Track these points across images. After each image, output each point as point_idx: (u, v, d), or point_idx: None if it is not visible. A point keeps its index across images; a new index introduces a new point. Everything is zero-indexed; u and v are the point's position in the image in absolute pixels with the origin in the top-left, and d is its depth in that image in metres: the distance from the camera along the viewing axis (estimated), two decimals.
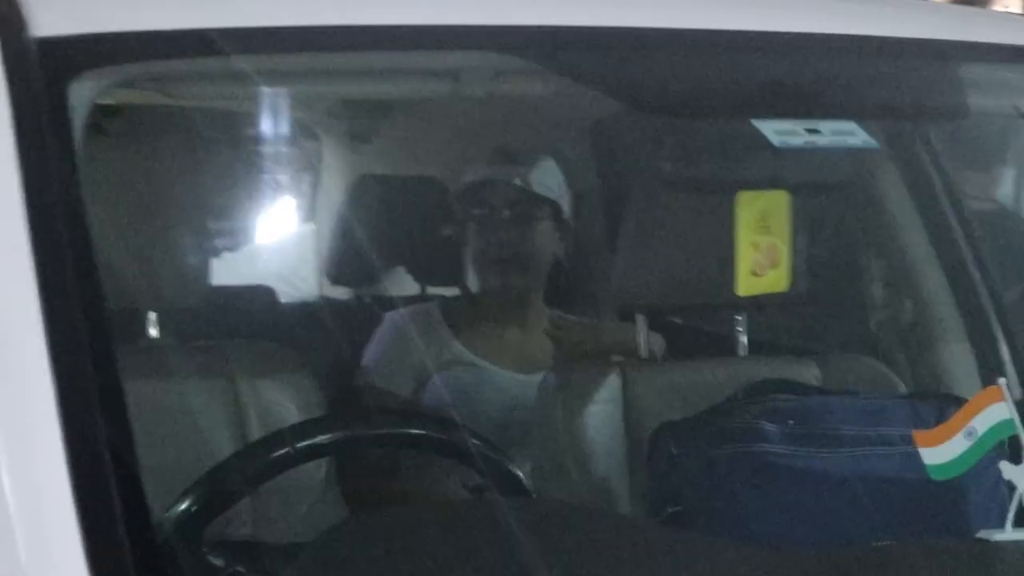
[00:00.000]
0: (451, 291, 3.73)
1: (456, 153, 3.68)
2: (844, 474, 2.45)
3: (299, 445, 1.85)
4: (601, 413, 2.80)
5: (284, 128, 4.31)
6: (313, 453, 1.93)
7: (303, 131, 4.03)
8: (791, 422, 2.51)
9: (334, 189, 4.03)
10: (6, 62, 1.71)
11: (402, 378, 3.26)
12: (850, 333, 3.07)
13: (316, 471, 2.50)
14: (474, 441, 1.97)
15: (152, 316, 2.51)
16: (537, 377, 3.28)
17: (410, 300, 3.74)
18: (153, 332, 2.51)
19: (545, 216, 3.31)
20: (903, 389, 2.90)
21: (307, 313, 3.81)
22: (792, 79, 2.28)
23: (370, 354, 3.31)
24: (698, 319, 3.22)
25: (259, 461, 1.90)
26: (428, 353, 3.28)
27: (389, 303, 3.73)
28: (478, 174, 3.31)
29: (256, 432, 2.44)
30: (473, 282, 3.45)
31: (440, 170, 3.81)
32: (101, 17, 1.85)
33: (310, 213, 4.31)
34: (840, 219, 3.26)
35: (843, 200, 3.22)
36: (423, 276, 3.87)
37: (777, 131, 2.14)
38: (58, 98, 1.70)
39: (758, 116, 2.32)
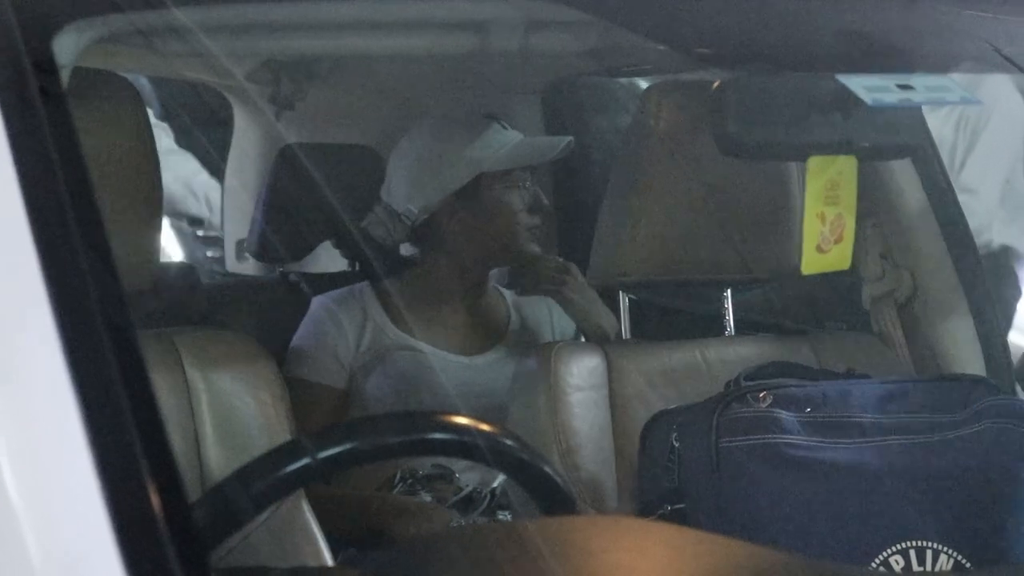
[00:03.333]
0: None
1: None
2: (871, 466, 2.25)
3: (320, 456, 1.59)
4: (586, 400, 2.56)
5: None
6: (335, 464, 1.65)
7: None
8: (808, 409, 2.31)
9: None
10: None
11: (335, 369, 2.99)
12: (838, 308, 2.86)
13: None
14: (509, 443, 1.71)
15: None
16: (483, 358, 3.04)
17: (338, 277, 3.47)
18: None
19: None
20: (904, 368, 2.70)
21: (231, 293, 3.53)
22: None
23: (298, 343, 3.03)
24: (676, 297, 2.99)
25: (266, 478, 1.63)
26: (362, 340, 3.01)
27: (316, 280, 3.47)
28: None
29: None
30: (427, 264, 3.16)
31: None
32: None
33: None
34: None
35: None
36: (352, 252, 3.60)
37: (868, 87, 1.90)
38: (41, 53, 1.45)
39: None
